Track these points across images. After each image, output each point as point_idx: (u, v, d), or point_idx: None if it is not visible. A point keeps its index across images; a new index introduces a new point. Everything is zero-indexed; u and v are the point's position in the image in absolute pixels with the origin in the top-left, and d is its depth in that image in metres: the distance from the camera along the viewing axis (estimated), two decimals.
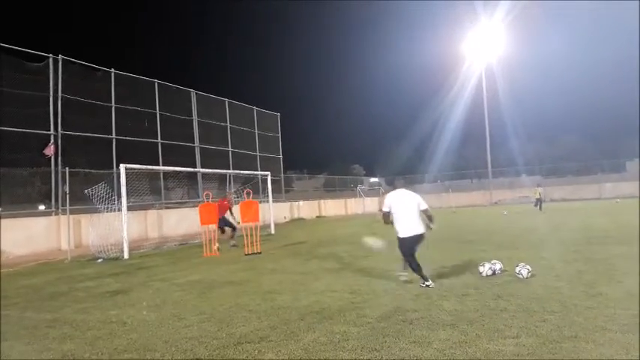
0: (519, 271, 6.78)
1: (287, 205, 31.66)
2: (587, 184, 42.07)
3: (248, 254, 11.99)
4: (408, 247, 6.68)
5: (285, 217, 29.76)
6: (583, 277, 6.65)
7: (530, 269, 6.79)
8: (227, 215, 14.33)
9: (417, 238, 6.68)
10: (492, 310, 5.12)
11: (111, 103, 19.76)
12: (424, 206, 6.80)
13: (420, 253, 6.70)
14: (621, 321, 4.52)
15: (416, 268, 6.63)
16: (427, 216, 6.89)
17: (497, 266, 7.22)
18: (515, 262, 7.45)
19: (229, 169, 24.23)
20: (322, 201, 37.59)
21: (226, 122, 27.09)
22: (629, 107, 55.20)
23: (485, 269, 7.13)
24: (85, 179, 16.14)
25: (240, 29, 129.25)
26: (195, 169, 22.12)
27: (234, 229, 14.25)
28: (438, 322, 4.79)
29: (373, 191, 49.11)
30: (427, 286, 6.43)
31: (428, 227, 6.88)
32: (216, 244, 12.91)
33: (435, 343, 4.14)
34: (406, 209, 6.75)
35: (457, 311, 5.16)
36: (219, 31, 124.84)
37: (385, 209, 6.91)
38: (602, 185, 37.91)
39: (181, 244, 15.83)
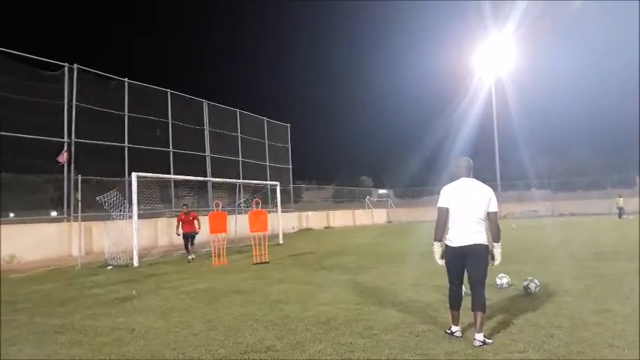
0: (527, 285, 6.75)
1: (295, 215, 31.72)
2: (597, 198, 41.70)
3: (256, 263, 12.03)
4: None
5: (293, 227, 29.81)
6: (591, 293, 6.60)
7: (538, 283, 6.75)
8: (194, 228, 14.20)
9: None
10: (499, 324, 5.11)
11: (124, 111, 20.02)
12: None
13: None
14: (629, 338, 4.49)
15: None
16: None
17: (505, 280, 7.20)
18: (523, 276, 7.42)
19: (239, 179, 24.38)
20: (331, 212, 37.59)
21: (237, 132, 27.30)
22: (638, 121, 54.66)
23: (502, 282, 7.16)
24: (96, 186, 16.33)
25: (252, 40, 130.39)
26: (206, 178, 22.26)
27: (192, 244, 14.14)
28: (444, 335, 4.79)
29: (381, 203, 49.06)
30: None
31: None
32: (191, 255, 13.23)
33: (441, 356, 4.14)
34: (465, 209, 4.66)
35: (463, 324, 5.14)
36: (231, 42, 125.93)
37: (442, 204, 4.78)
38: (612, 200, 37.46)
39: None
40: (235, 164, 26.65)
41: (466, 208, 4.63)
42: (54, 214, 17.56)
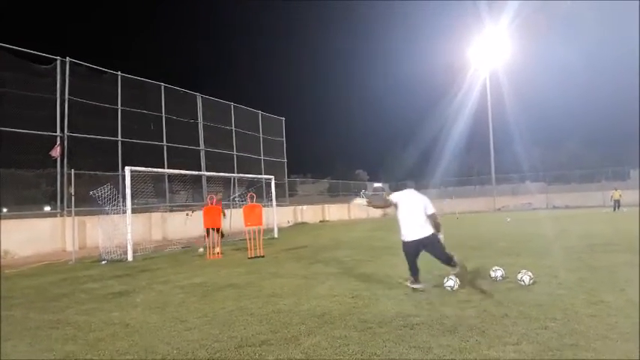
0: (521, 277, 6.77)
1: (291, 209, 31.69)
2: (591, 191, 41.89)
3: (251, 258, 12.02)
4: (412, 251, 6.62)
5: (288, 221, 29.80)
6: (585, 285, 6.63)
7: (532, 276, 6.78)
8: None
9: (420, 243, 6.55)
10: (493, 317, 5.12)
11: (117, 105, 19.89)
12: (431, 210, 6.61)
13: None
14: (623, 329, 4.51)
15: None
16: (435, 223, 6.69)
17: (499, 273, 7.22)
18: (517, 268, 7.45)
19: (234, 173, 24.32)
20: (326, 205, 37.59)
21: (231, 126, 27.21)
22: (633, 115, 54.97)
23: (496, 274, 7.21)
24: (90, 181, 16.23)
25: (247, 34, 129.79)
26: (200, 173, 22.19)
27: (222, 235, 14.00)
28: (439, 327, 4.80)
29: (377, 196, 49.12)
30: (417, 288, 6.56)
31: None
32: (217, 248, 13.00)
33: (435, 349, 4.15)
34: (411, 211, 6.58)
35: (458, 317, 5.16)
36: (225, 35, 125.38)
37: (392, 199, 6.82)
38: (606, 193, 37.73)
39: (185, 247, 15.87)
40: (230, 158, 26.58)
41: (409, 210, 6.54)
42: (47, 208, 17.45)
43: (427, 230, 6.47)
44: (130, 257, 12.77)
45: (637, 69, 49.93)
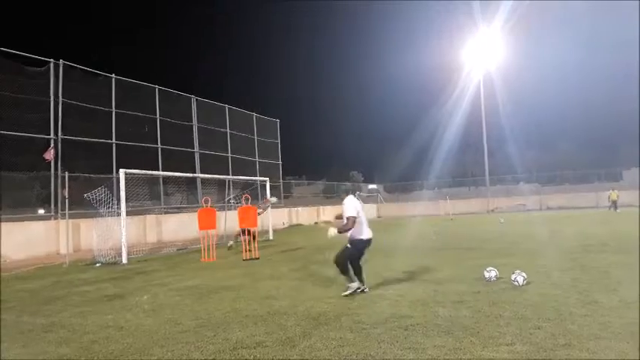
0: (515, 278, 6.81)
1: (286, 210, 31.65)
2: (584, 192, 42.11)
3: (246, 260, 12.01)
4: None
5: (283, 223, 29.75)
6: (578, 285, 6.67)
7: (525, 276, 6.82)
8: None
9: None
10: (487, 317, 5.15)
11: (111, 108, 19.83)
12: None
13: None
14: (615, 329, 4.55)
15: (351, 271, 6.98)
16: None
17: (493, 273, 7.26)
18: (511, 269, 7.48)
19: (229, 175, 24.26)
20: (321, 207, 37.57)
21: (226, 128, 27.16)
22: (626, 116, 55.35)
23: (490, 275, 7.26)
24: (84, 184, 16.15)
25: (242, 37, 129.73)
26: (195, 175, 22.14)
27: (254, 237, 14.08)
28: (433, 328, 4.82)
29: (371, 198, 49.16)
30: (361, 290, 6.86)
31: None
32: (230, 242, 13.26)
33: (430, 350, 4.17)
34: (363, 214, 7.17)
35: (452, 318, 5.19)
36: (221, 39, 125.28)
37: (354, 214, 6.91)
38: (600, 194, 37.91)
39: (180, 250, 15.84)
40: (225, 160, 26.53)
41: (363, 214, 7.09)
42: (41, 211, 17.35)
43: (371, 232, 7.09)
44: (124, 260, 12.72)
45: (633, 70, 50.27)
